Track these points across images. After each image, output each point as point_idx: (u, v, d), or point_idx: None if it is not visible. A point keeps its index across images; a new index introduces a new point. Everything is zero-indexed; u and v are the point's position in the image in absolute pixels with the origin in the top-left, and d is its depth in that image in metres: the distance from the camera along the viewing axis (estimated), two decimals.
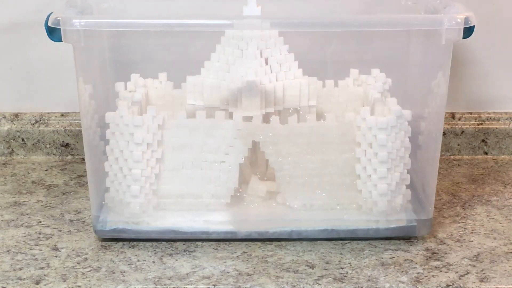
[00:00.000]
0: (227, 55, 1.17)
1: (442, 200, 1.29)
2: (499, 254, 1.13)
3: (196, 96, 1.18)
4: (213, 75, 1.17)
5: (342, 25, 1.12)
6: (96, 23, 1.10)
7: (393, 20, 1.13)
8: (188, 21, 1.09)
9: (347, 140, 1.14)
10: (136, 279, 1.06)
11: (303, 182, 1.15)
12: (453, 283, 1.05)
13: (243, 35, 1.16)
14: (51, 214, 1.24)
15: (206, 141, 1.14)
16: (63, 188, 1.34)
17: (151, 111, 1.13)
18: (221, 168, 1.15)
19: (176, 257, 1.12)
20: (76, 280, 1.06)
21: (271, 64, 1.17)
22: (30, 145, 1.46)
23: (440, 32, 1.09)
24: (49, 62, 1.44)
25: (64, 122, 1.46)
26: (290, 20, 1.12)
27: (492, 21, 1.42)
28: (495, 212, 1.25)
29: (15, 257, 1.12)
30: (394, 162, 1.13)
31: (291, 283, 1.05)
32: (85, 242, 1.16)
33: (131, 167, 1.13)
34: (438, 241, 1.16)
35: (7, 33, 1.43)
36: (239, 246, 1.14)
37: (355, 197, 1.15)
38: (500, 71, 1.46)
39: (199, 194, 1.16)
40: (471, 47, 1.44)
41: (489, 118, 1.47)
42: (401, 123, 1.13)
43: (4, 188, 1.34)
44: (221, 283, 1.05)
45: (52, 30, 1.08)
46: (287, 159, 1.14)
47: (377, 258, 1.11)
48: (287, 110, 1.18)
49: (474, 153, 1.47)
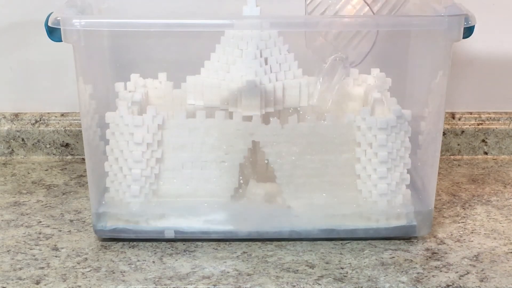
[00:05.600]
0: (227, 55, 1.17)
1: (442, 200, 1.29)
2: (499, 254, 1.13)
3: (196, 96, 1.18)
4: (213, 75, 1.17)
5: (342, 25, 1.12)
6: (96, 23, 1.10)
7: (393, 20, 1.13)
8: (188, 21, 1.09)
9: (347, 140, 1.14)
10: (136, 279, 1.06)
11: (303, 182, 1.15)
12: (453, 283, 1.05)
13: (243, 35, 1.16)
14: (51, 214, 1.24)
15: (206, 141, 1.14)
16: (63, 188, 1.34)
17: (151, 111, 1.13)
18: (221, 168, 1.15)
19: (176, 257, 1.12)
20: (76, 280, 1.06)
21: (271, 64, 1.17)
22: (30, 145, 1.46)
23: (440, 32, 1.10)
24: (49, 62, 1.44)
25: (64, 122, 1.46)
26: (290, 20, 1.12)
27: (492, 21, 1.42)
28: (495, 212, 1.25)
29: (15, 257, 1.12)
30: (394, 162, 1.14)
31: (291, 283, 1.05)
32: (85, 242, 1.16)
33: (131, 167, 1.13)
34: (438, 241, 1.16)
35: (7, 33, 1.43)
36: (239, 246, 1.14)
37: (355, 197, 1.15)
38: (500, 71, 1.46)
39: (199, 194, 1.16)
40: (471, 47, 1.44)
41: (489, 118, 1.47)
42: (401, 123, 1.13)
43: (4, 188, 1.34)
44: (221, 283, 1.05)
45: (52, 30, 1.08)
46: (287, 159, 1.14)
47: (377, 258, 1.11)
48: (287, 110, 1.18)
49: (474, 153, 1.47)
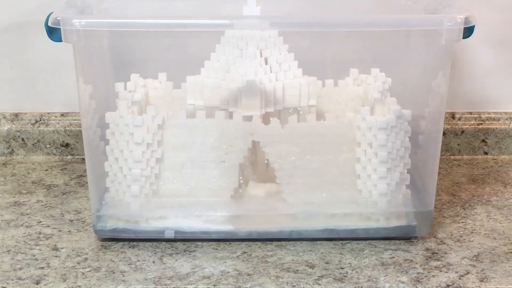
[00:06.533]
0: (227, 55, 1.17)
1: (442, 200, 1.29)
2: (499, 254, 1.13)
3: (196, 96, 1.18)
4: (213, 75, 1.17)
5: (342, 25, 1.12)
6: (96, 23, 1.10)
7: (393, 20, 1.13)
8: (188, 21, 1.09)
9: (347, 140, 1.14)
10: (136, 279, 1.06)
11: (303, 182, 1.15)
12: (453, 283, 1.05)
13: (243, 35, 1.16)
14: (51, 214, 1.24)
15: (206, 141, 1.14)
16: (63, 188, 1.34)
17: (151, 111, 1.13)
18: (221, 168, 1.15)
19: (176, 257, 1.12)
20: (76, 280, 1.06)
21: (271, 64, 1.17)
22: (30, 145, 1.46)
23: (440, 32, 1.09)
24: (49, 62, 1.44)
25: (64, 122, 1.46)
26: (290, 20, 1.12)
27: (492, 21, 1.42)
28: (495, 212, 1.25)
29: (15, 257, 1.12)
30: (394, 162, 1.13)
31: (291, 283, 1.05)
32: (85, 242, 1.16)
33: (131, 167, 1.13)
34: (438, 241, 1.16)
35: (7, 33, 1.43)
36: (239, 246, 1.14)
37: (355, 197, 1.15)
38: (500, 71, 1.46)
39: (199, 194, 1.16)
40: (471, 47, 1.44)
41: (489, 118, 1.47)
42: (401, 123, 1.13)
43: (4, 188, 1.34)
44: (221, 283, 1.05)
45: (52, 30, 1.08)
46: (287, 159, 1.14)
47: (377, 258, 1.11)
48: (287, 110, 1.18)
49: (474, 153, 1.47)
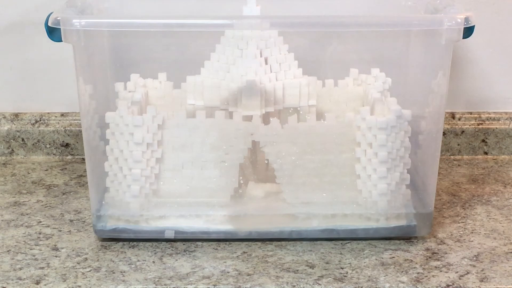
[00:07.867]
0: (227, 55, 1.17)
1: (442, 200, 1.29)
2: (499, 254, 1.13)
3: (196, 96, 1.18)
4: (213, 75, 1.17)
5: (342, 25, 1.12)
6: (96, 23, 1.10)
7: (393, 20, 1.13)
8: (188, 21, 1.09)
9: (347, 140, 1.14)
10: (136, 279, 1.06)
11: (303, 182, 1.15)
12: (453, 283, 1.05)
13: (243, 35, 1.16)
14: (51, 214, 1.24)
15: (206, 141, 1.14)
16: (63, 188, 1.34)
17: (151, 111, 1.13)
18: (221, 168, 1.15)
19: (176, 257, 1.12)
20: (76, 280, 1.06)
21: (271, 64, 1.17)
22: (30, 145, 1.46)
23: (440, 32, 1.10)
24: (49, 62, 1.44)
25: (64, 122, 1.46)
26: (290, 20, 1.12)
27: (492, 21, 1.42)
28: (495, 212, 1.25)
29: (15, 257, 1.12)
30: (394, 162, 1.13)
31: (291, 283, 1.05)
32: (85, 242, 1.16)
33: (131, 167, 1.13)
34: (438, 241, 1.16)
35: (7, 33, 1.43)
36: (239, 246, 1.14)
37: (355, 197, 1.15)
38: (500, 71, 1.46)
39: (199, 194, 1.16)
40: (471, 47, 1.44)
41: (489, 118, 1.47)
42: (401, 123, 1.13)
43: (4, 188, 1.34)
44: (221, 283, 1.05)
45: (52, 30, 1.08)
46: (287, 159, 1.14)
47: (377, 258, 1.11)
48: (287, 110, 1.18)
49: (474, 153, 1.47)
